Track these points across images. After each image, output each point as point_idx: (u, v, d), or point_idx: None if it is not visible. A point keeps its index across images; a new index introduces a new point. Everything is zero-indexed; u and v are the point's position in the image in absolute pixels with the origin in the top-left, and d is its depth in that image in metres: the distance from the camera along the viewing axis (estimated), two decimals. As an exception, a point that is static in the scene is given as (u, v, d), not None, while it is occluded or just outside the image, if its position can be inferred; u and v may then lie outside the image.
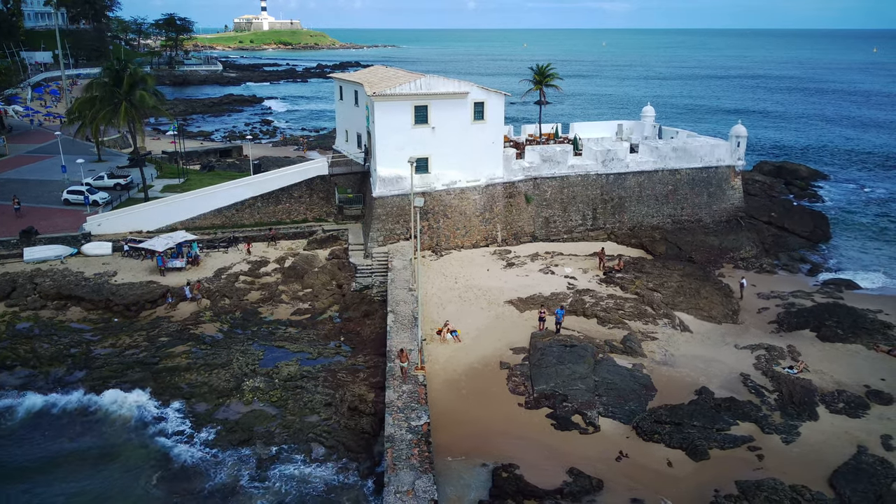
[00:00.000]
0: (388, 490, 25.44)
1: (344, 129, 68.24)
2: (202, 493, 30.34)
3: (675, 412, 35.16)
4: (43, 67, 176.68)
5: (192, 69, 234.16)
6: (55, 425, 35.42)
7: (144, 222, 56.42)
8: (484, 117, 54.70)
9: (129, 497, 30.22)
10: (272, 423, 35.38)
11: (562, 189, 59.24)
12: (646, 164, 61.25)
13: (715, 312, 46.90)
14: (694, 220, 63.19)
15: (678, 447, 33.12)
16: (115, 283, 49.37)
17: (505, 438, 33.79)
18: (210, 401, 37.30)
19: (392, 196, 52.97)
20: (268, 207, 59.54)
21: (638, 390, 37.41)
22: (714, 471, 31.77)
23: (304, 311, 47.68)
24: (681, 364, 40.42)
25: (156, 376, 39.56)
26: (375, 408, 35.66)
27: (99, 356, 41.72)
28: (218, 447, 33.47)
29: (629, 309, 45.99)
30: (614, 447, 33.41)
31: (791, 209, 69.42)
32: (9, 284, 48.50)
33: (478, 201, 55.85)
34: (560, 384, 37.28)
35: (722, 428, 34.33)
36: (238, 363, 40.59)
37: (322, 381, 38.91)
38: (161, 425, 35.14)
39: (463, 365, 39.81)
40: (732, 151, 63.76)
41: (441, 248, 54.85)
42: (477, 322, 44.22)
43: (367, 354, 41.83)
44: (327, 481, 31.11)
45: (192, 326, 45.32)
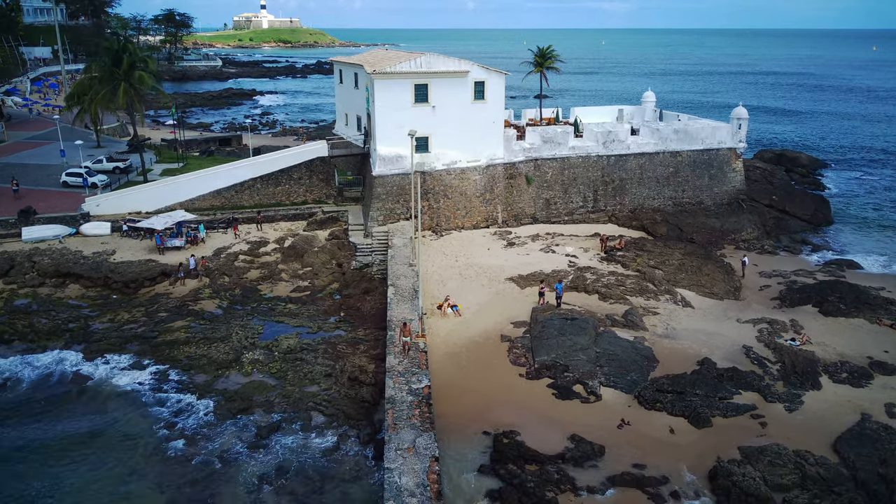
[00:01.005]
0: (389, 447, 25.20)
1: (343, 113, 68.01)
2: (201, 460, 30.06)
3: (677, 381, 34.93)
4: (42, 62, 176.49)
5: (191, 64, 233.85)
6: (53, 395, 35.20)
7: (143, 203, 56.16)
8: (484, 97, 54.46)
9: (126, 464, 29.95)
10: (272, 393, 35.15)
11: (562, 170, 59.00)
12: (647, 146, 61.02)
13: (717, 289, 46.67)
14: (695, 203, 62.96)
15: (680, 415, 32.90)
16: (114, 261, 49.11)
17: (506, 408, 33.54)
18: (209, 372, 37.05)
19: (392, 175, 52.74)
20: (267, 189, 59.27)
21: (640, 361, 37.18)
22: (717, 438, 31.54)
23: (304, 288, 47.45)
24: (683, 337, 40.19)
25: (154, 349, 39.32)
26: (376, 378, 35.41)
27: (97, 330, 41.48)
28: (217, 416, 33.22)
29: (630, 285, 45.75)
30: (616, 415, 33.18)
31: (792, 193, 69.21)
32: (7, 262, 48.23)
33: (478, 182, 55.60)
34: (561, 355, 37.04)
35: (724, 396, 34.10)
36: (237, 337, 40.37)
37: (322, 353, 38.69)
38: (159, 395, 34.89)
39: (463, 338, 39.57)
40: (734, 134, 63.54)
41: (441, 229, 54.61)
42: (478, 298, 43.98)
43: (367, 328, 41.61)
44: (327, 448, 30.87)
45: (191, 303, 45.08)
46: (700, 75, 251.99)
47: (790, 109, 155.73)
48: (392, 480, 23.34)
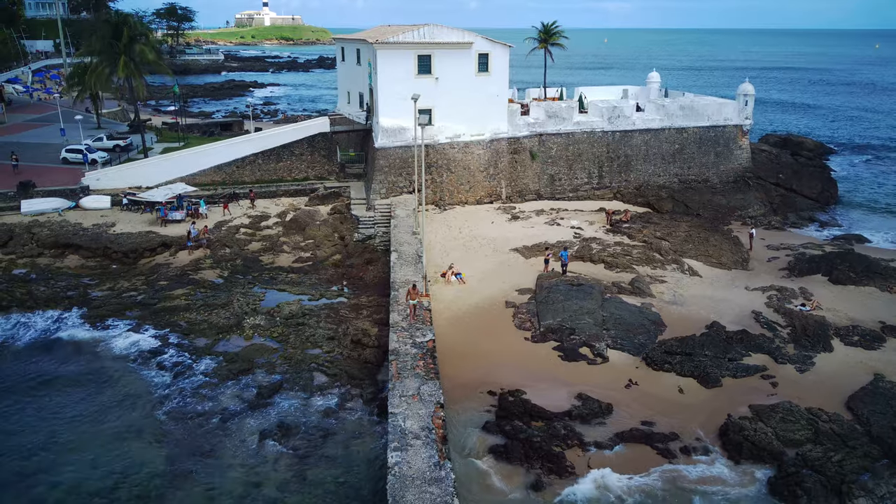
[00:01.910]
0: (393, 394, 24.61)
1: (345, 91, 67.44)
2: (200, 417, 29.48)
3: (685, 343, 34.30)
4: (44, 56, 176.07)
5: (192, 58, 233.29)
6: (50, 355, 34.68)
7: (143, 178, 55.57)
8: (488, 69, 53.87)
9: (124, 420, 29.38)
10: (273, 356, 34.57)
11: (567, 146, 58.36)
12: (652, 122, 60.38)
13: (724, 259, 46.01)
14: (701, 180, 62.29)
15: (689, 375, 32.28)
16: (114, 232, 48.56)
17: (511, 369, 32.92)
18: (209, 336, 36.47)
19: (394, 147, 52.14)
20: (269, 165, 58.70)
21: (647, 325, 36.54)
22: (726, 397, 30.92)
23: (306, 259, 46.84)
24: (690, 303, 39.56)
25: (154, 315, 38.75)
26: (379, 341, 34.79)
27: (96, 297, 40.92)
28: (217, 376, 32.63)
29: (637, 255, 45.12)
30: (623, 376, 32.57)
31: (799, 171, 68.49)
32: (5, 234, 47.66)
33: (482, 156, 54.98)
34: (567, 319, 36.41)
35: (734, 358, 33.48)
36: (238, 303, 39.78)
37: (324, 318, 38.11)
38: (159, 358, 34.29)
39: (468, 304, 38.96)
40: (740, 110, 62.89)
41: (444, 203, 54.01)
42: (482, 267, 43.38)
43: (370, 296, 41.01)
44: (329, 406, 30.26)
45: (191, 272, 44.50)
46: (703, 70, 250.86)
47: (795, 102, 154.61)
48: (396, 424, 22.74)
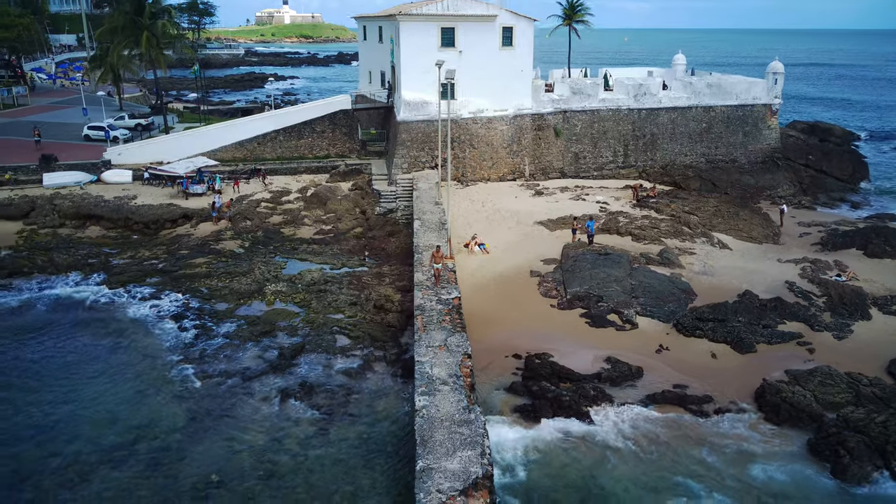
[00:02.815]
0: (419, 344, 23.87)
1: (367, 71, 66.90)
2: (221, 376, 28.94)
3: (718, 310, 33.28)
4: (67, 49, 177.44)
5: (214, 52, 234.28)
6: (71, 317, 34.36)
7: (165, 154, 55.24)
8: (512, 43, 53.01)
9: (144, 379, 28.89)
10: (295, 320, 33.98)
11: (592, 124, 57.37)
12: (679, 101, 59.23)
13: (755, 234, 44.86)
14: (728, 160, 61.03)
15: (722, 341, 31.25)
16: (135, 204, 48.28)
17: (537, 334, 32.08)
18: (231, 301, 35.97)
19: (417, 121, 51.46)
20: (290, 142, 58.25)
21: (677, 294, 35.56)
22: (761, 363, 29.87)
23: (328, 231, 46.27)
24: (721, 273, 38.52)
25: (175, 281, 38.31)
26: (402, 306, 34.12)
27: (117, 265, 40.62)
28: (239, 338, 32.10)
29: (665, 228, 44.09)
30: (653, 342, 31.65)
31: (829, 153, 66.95)
32: (28, 205, 47.53)
33: (505, 132, 54.15)
34: (595, 286, 35.52)
35: (769, 325, 32.42)
36: (260, 271, 39.30)
37: (347, 285, 37.49)
38: (179, 321, 33.80)
39: (492, 273, 38.17)
40: (769, 89, 61.55)
41: (467, 179, 53.25)
42: (506, 238, 42.58)
43: (392, 265, 40.35)
44: (352, 367, 29.61)
45: (212, 242, 44.10)
46: (725, 66, 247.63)
47: (821, 96, 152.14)
48: (423, 371, 22.01)
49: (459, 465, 17.20)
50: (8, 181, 50.98)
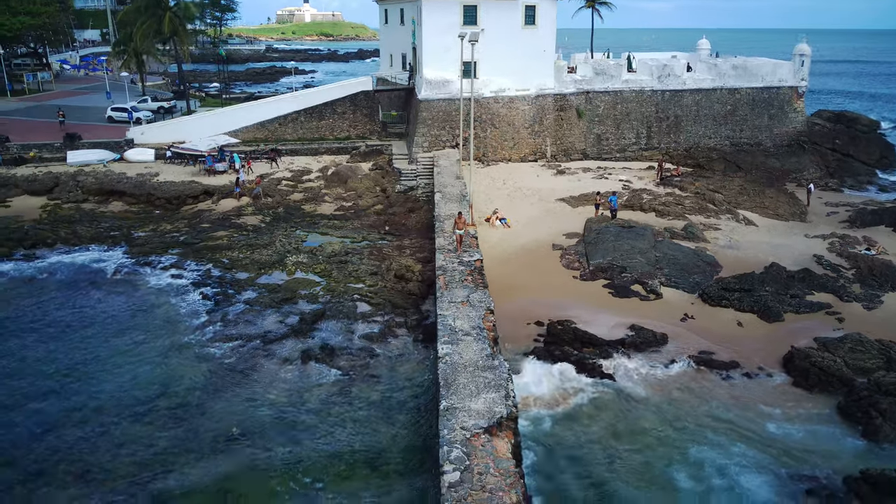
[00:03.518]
0: (441, 300, 23.62)
1: (388, 54, 66.82)
2: (242, 339, 28.85)
3: (744, 280, 32.70)
4: (91, 44, 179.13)
5: (235, 48, 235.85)
6: (93, 284, 34.52)
7: (187, 133, 55.39)
8: (535, 22, 52.60)
9: (165, 341, 28.87)
10: (316, 288, 33.87)
11: (615, 105, 56.81)
12: (704, 82, 58.48)
13: (781, 211, 44.15)
14: (753, 143, 60.13)
15: (749, 311, 30.68)
16: (157, 181, 48.48)
17: (559, 303, 31.66)
18: (252, 271, 35.92)
19: (438, 100, 51.23)
20: (311, 123, 58.26)
21: (702, 266, 35.02)
22: (789, 331, 29.28)
23: (348, 208, 46.15)
24: (747, 248, 37.89)
25: (196, 252, 38.34)
26: (423, 276, 33.86)
27: (139, 237, 40.80)
28: (260, 304, 32.02)
29: (689, 205, 43.51)
30: (678, 311, 31.15)
31: (856, 137, 65.77)
32: (52, 181, 47.89)
33: (527, 112, 53.75)
34: (618, 258, 35.06)
35: (797, 295, 31.79)
36: (281, 243, 39.25)
37: (367, 256, 37.35)
38: (201, 288, 33.81)
39: (513, 246, 37.81)
40: (795, 71, 60.57)
41: (488, 159, 52.92)
42: (527, 213, 42.23)
43: (412, 239, 40.12)
44: (372, 331, 29.41)
45: (234, 217, 44.13)
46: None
47: (846, 90, 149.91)
48: (446, 323, 21.74)
49: (484, 406, 16.92)
50: (33, 159, 51.48)
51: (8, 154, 50.98)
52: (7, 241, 39.31)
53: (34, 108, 68.33)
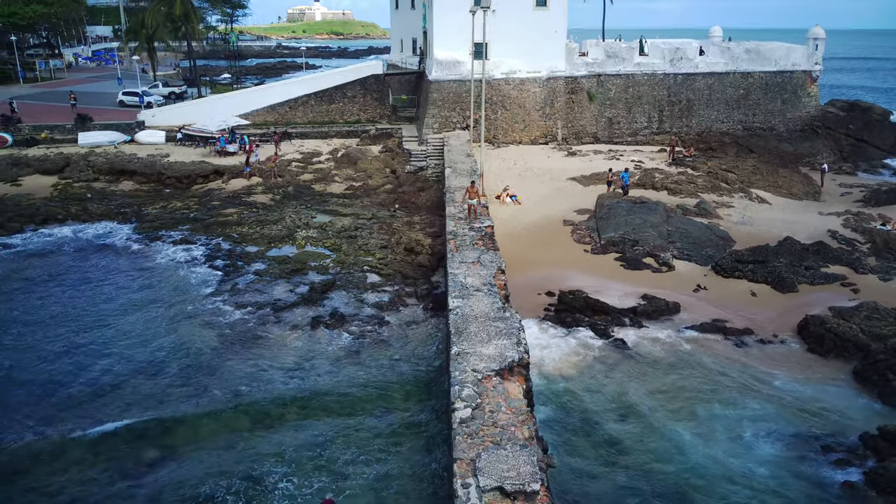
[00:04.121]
0: (452, 260, 23.43)
1: (399, 39, 66.72)
2: (251, 307, 28.74)
3: (758, 252, 32.32)
4: (103, 40, 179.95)
5: (246, 44, 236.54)
6: (102, 256, 34.62)
7: (198, 117, 55.45)
8: (546, 3, 52.26)
9: (175, 308, 28.81)
10: (326, 261, 33.76)
11: (626, 88, 56.45)
12: (716, 66, 58.02)
13: (795, 190, 43.76)
14: (766, 128, 59.63)
15: (762, 282, 30.31)
16: (168, 161, 48.55)
17: (571, 275, 31.35)
18: (261, 244, 35.85)
19: (449, 81, 51.06)
20: (321, 106, 58.23)
21: (715, 240, 34.68)
22: (804, 301, 28.84)
23: (358, 187, 46.03)
24: (760, 224, 37.51)
25: (206, 228, 38.34)
26: (433, 249, 33.70)
27: (149, 213, 40.84)
28: (270, 275, 31.96)
29: (702, 183, 43.14)
30: (691, 283, 30.82)
31: (870, 123, 64.99)
32: (63, 161, 48.00)
33: (538, 94, 53.48)
34: (630, 231, 34.74)
35: (811, 266, 31.40)
36: (291, 219, 39.18)
37: (377, 230, 37.24)
38: (212, 261, 33.76)
39: (524, 223, 37.53)
40: (809, 55, 60.00)
41: (498, 141, 52.67)
42: (538, 191, 41.96)
43: (422, 216, 39.95)
44: (382, 300, 29.27)
45: (244, 195, 44.11)
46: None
47: (861, 85, 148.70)
48: (457, 280, 21.55)
49: (495, 351, 16.72)
50: (44, 140, 51.67)
51: (20, 135, 51.18)
52: (19, 216, 39.42)
53: (46, 93, 68.73)
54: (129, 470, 18.53)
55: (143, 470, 18.44)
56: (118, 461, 18.86)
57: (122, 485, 17.94)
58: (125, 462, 18.83)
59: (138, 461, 18.85)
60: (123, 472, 18.42)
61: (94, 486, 17.90)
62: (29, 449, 19.30)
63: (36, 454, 19.07)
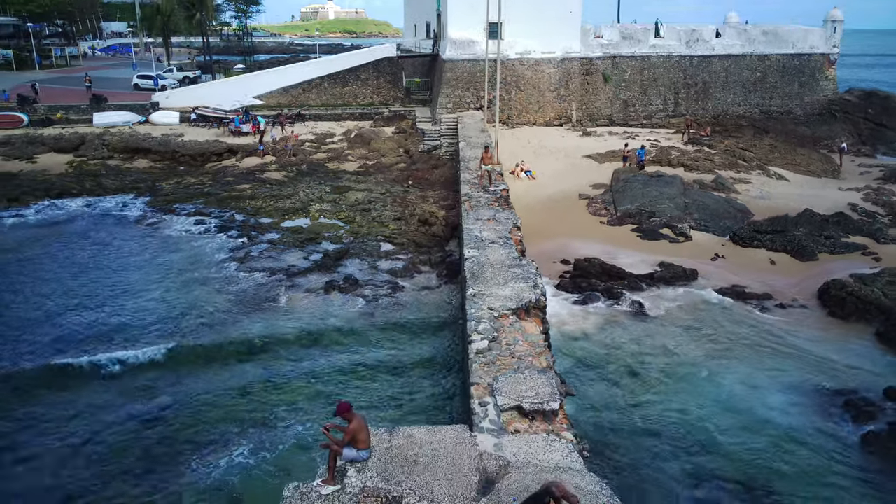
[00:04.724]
0: (468, 218, 23.19)
1: (412, 24, 66.55)
2: (266, 273, 28.61)
3: (777, 221, 31.94)
4: (118, 36, 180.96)
5: (260, 41, 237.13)
6: (116, 227, 34.66)
7: (211, 99, 55.47)
8: (561, -17, 51.94)
9: (190, 275, 28.71)
10: (340, 231, 33.62)
11: (642, 70, 55.99)
12: (733, 48, 57.43)
13: (813, 168, 43.22)
14: (783, 112, 58.98)
15: (781, 251, 29.90)
16: (182, 140, 48.60)
17: (587, 244, 31.06)
18: (275, 216, 35.77)
19: (462, 60, 50.81)
20: (334, 89, 58.13)
21: (733, 212, 34.27)
22: (824, 269, 28.39)
23: (371, 165, 45.86)
24: (778, 198, 37.01)
25: (220, 202, 38.30)
26: (447, 221, 33.43)
27: (163, 188, 40.89)
28: (283, 244, 31.86)
29: (719, 161, 42.65)
30: (708, 252, 30.46)
31: (889, 107, 64.16)
32: (78, 139, 48.11)
33: (552, 75, 53.11)
34: (646, 203, 34.38)
35: (831, 236, 30.93)
36: (304, 193, 39.08)
37: (390, 203, 37.07)
38: (226, 231, 33.66)
39: (539, 196, 37.18)
40: (827, 38, 59.29)
41: (512, 122, 52.33)
42: (553, 167, 41.62)
43: (436, 191, 39.71)
44: (396, 267, 29.07)
45: (258, 172, 44.06)
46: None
47: (880, 79, 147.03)
48: (472, 234, 21.30)
49: (512, 292, 16.47)
50: (60, 120, 51.82)
51: (35, 115, 51.37)
52: (34, 190, 39.59)
53: (62, 78, 69.05)
54: (141, 409, 18.55)
55: (154, 412, 18.40)
56: (130, 397, 19.01)
57: (134, 423, 17.98)
58: (137, 399, 18.99)
59: (150, 402, 18.91)
60: (135, 411, 18.45)
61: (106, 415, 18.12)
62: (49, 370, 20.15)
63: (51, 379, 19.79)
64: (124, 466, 16.49)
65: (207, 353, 21.69)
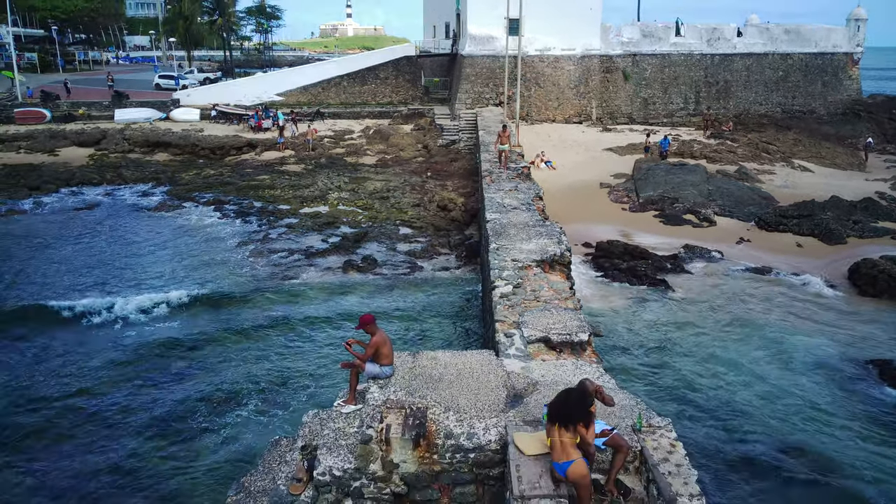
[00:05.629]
0: (489, 189, 22.82)
1: (431, 25, 66.67)
2: (284, 252, 28.42)
3: (803, 206, 31.29)
4: (141, 49, 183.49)
5: (279, 54, 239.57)
6: (137, 211, 34.71)
7: (232, 96, 55.84)
8: (581, -20, 51.81)
9: (208, 255, 28.53)
10: (359, 217, 33.39)
11: (662, 68, 55.56)
12: (755, 47, 56.87)
13: (838, 161, 42.50)
14: (806, 111, 58.20)
15: (808, 234, 29.28)
16: (202, 135, 48.76)
17: (609, 229, 30.64)
18: (294, 204, 35.62)
19: (482, 56, 50.68)
20: (353, 87, 58.21)
21: (757, 200, 33.70)
22: (852, 253, 27.68)
23: (390, 159, 45.71)
24: (803, 188, 36.37)
25: (239, 190, 38.24)
26: (466, 207, 33.14)
27: (183, 178, 40.95)
28: (302, 227, 31.68)
29: (742, 153, 42.09)
30: (733, 236, 29.92)
31: (915, 107, 63.23)
32: (99, 134, 48.44)
33: (572, 72, 52.85)
34: (669, 190, 33.92)
35: (860, 220, 30.26)
36: (323, 183, 38.97)
37: (409, 191, 36.83)
38: (244, 216, 33.58)
39: (560, 185, 36.69)
40: (850, 37, 58.58)
41: (532, 119, 52.04)
42: (573, 159, 41.35)
43: (455, 181, 39.44)
44: (415, 249, 28.77)
45: (277, 165, 44.07)
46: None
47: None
48: (494, 201, 20.94)
49: (535, 246, 16.06)
50: (82, 116, 52.26)
51: (58, 111, 51.86)
52: (55, 180, 39.79)
53: (85, 80, 69.79)
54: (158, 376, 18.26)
55: (172, 375, 18.14)
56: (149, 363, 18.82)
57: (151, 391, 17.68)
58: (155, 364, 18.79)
59: (166, 367, 18.65)
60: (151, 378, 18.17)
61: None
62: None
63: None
64: (142, 422, 16.23)
65: (223, 327, 21.43)
